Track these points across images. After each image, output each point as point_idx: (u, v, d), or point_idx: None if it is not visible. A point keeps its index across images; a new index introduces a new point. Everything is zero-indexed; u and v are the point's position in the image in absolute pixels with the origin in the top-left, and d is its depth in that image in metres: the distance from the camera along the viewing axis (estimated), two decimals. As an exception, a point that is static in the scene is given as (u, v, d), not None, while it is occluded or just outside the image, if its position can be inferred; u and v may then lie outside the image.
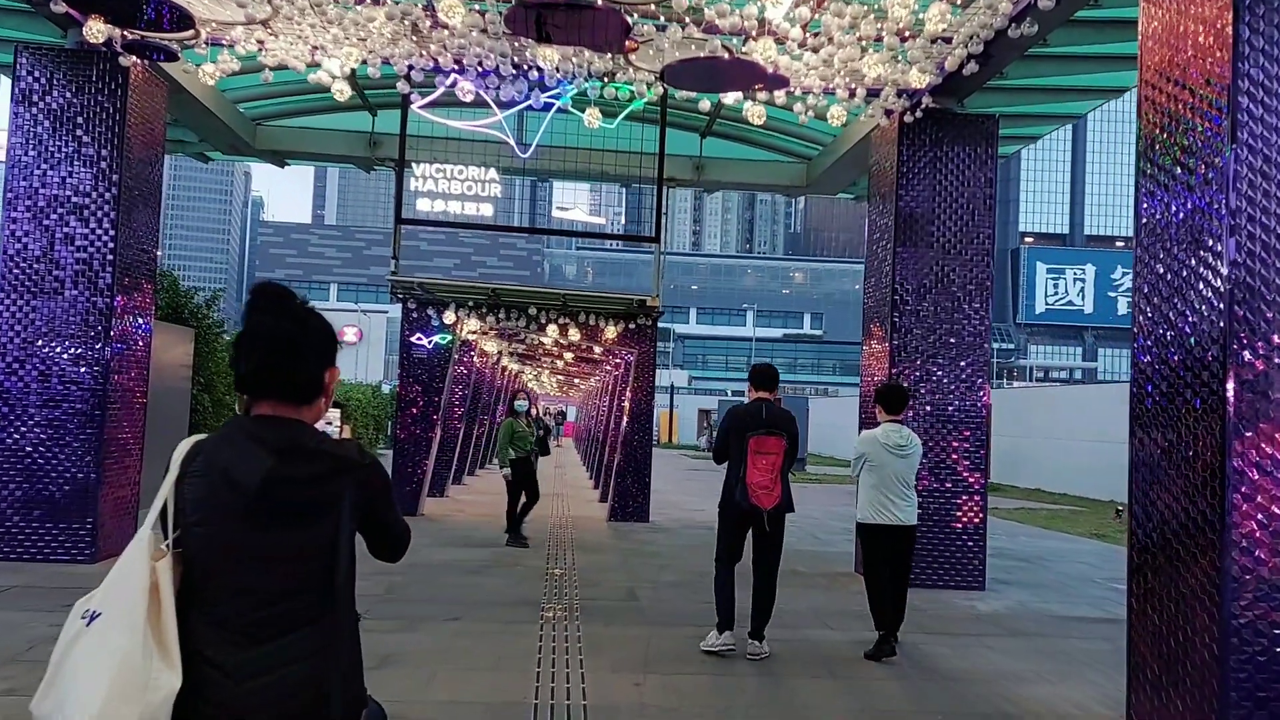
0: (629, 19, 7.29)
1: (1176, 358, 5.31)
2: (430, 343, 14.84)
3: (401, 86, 9.35)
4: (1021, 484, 26.55)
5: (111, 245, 9.51)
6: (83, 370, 9.51)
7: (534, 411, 16.51)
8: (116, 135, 9.61)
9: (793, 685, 6.17)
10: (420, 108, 10.13)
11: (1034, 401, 30.36)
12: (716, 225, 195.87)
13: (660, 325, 16.11)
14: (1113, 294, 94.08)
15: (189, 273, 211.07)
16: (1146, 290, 5.61)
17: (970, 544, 9.98)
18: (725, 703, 5.76)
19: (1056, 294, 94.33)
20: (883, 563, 7.17)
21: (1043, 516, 18.91)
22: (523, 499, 12.24)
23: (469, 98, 9.02)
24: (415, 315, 14.97)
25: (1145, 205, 5.69)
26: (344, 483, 2.14)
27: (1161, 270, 5.46)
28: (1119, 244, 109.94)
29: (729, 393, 71.85)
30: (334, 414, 3.67)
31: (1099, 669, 6.94)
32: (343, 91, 9.32)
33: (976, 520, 10.00)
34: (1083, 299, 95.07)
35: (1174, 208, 5.40)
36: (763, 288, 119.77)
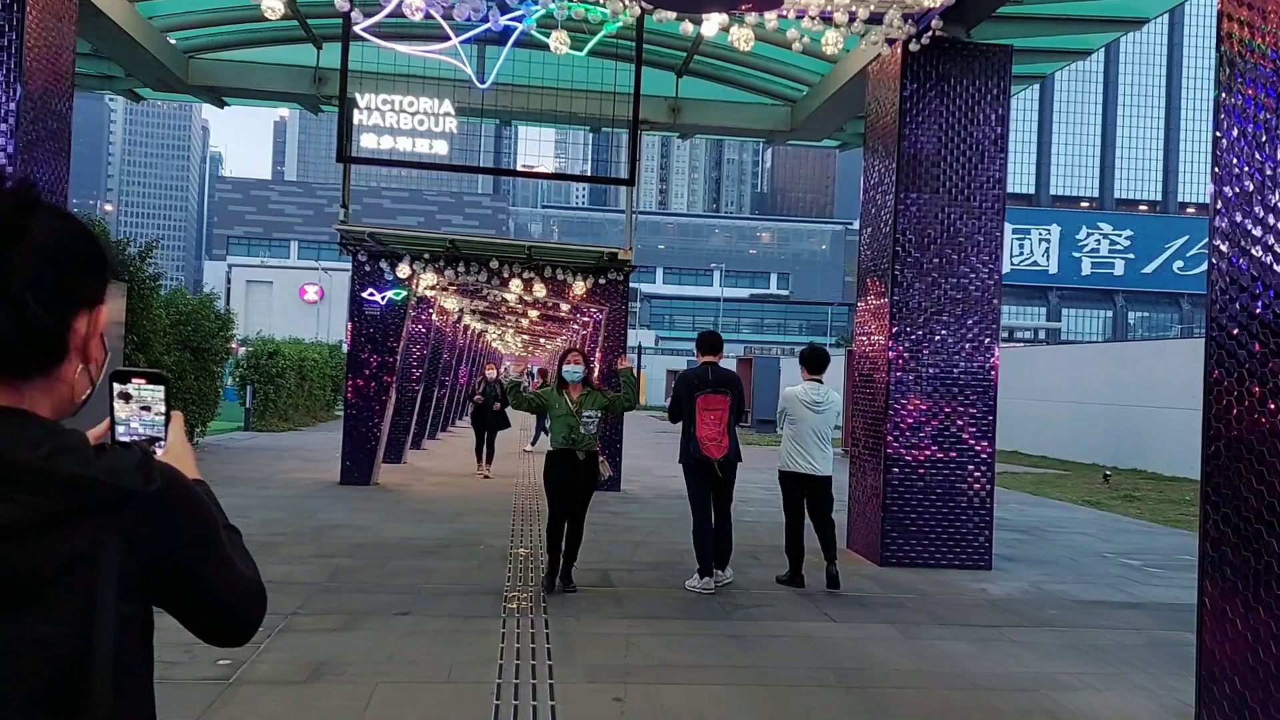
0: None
1: (1275, 312, 4.38)
2: (383, 298, 13.72)
3: (341, 4, 8.19)
4: (999, 446, 25.89)
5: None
6: (-19, 328, 8.35)
7: (495, 374, 15.43)
8: (14, 60, 8.37)
9: (801, 698, 5.24)
10: (364, 29, 8.96)
11: (1008, 362, 29.65)
12: (683, 184, 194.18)
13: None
14: (1077, 254, 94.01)
15: (145, 229, 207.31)
16: (1233, 234, 4.66)
17: (977, 519, 9.11)
18: (723, 724, 4.83)
19: (1021, 254, 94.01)
20: (801, 508, 8.16)
21: (1029, 481, 18.21)
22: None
23: (418, 15, 7.89)
24: (367, 269, 13.83)
25: (1229, 139, 4.72)
26: (96, 531, 1.12)
27: (1258, 211, 4.50)
28: (1084, 204, 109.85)
29: (695, 353, 70.96)
30: (152, 392, 1.34)
31: (1141, 668, 6.08)
32: (274, 9, 8.16)
33: (984, 493, 9.13)
34: (1047, 259, 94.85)
35: (1271, 138, 4.44)
36: (730, 247, 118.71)
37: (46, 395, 1.20)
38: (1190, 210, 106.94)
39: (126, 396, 1.55)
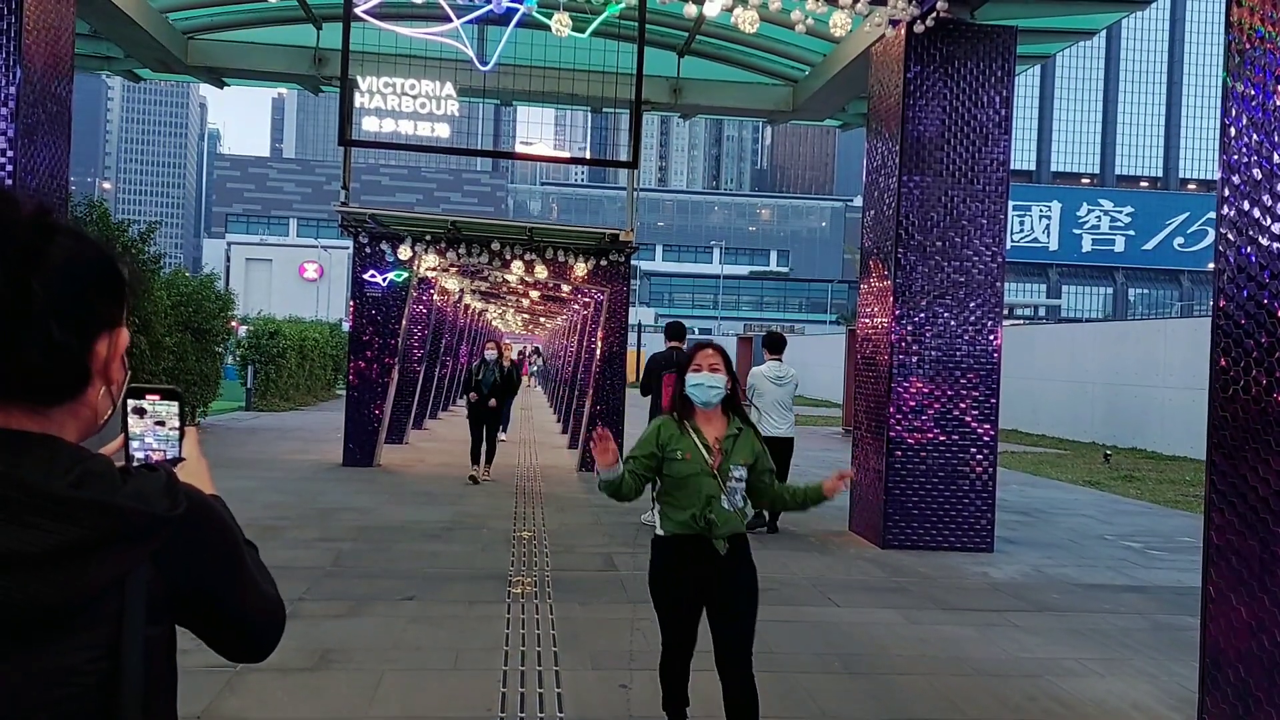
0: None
1: (1282, 301, 4.37)
2: (384, 280, 13.70)
3: (343, -14, 8.13)
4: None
5: (10, 169, 8.27)
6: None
7: (496, 353, 15.16)
8: (13, 44, 8.32)
9: (806, 684, 5.27)
10: (365, 10, 8.90)
11: (1007, 340, 29.63)
12: (683, 161, 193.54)
13: (631, 262, 15.02)
14: (1077, 231, 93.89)
15: (143, 208, 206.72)
16: (1241, 222, 4.64)
17: (979, 502, 9.13)
18: (729, 711, 4.84)
19: (1022, 231, 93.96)
20: None
21: (1029, 461, 18.23)
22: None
23: (421, -2, 7.84)
24: (369, 250, 13.80)
25: (1238, 127, 4.69)
26: (125, 558, 1.12)
27: (1266, 199, 4.48)
28: (1084, 181, 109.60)
29: (696, 330, 71.03)
30: (166, 407, 1.34)
31: (1144, 653, 6.11)
32: (275, -8, 8.09)
33: (986, 476, 9.15)
34: (1048, 236, 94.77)
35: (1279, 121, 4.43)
36: (729, 225, 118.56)
37: (72, 418, 1.20)
38: (1191, 187, 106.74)
39: (141, 411, 1.55)
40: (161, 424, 1.55)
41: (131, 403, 1.51)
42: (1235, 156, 4.68)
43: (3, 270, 1.08)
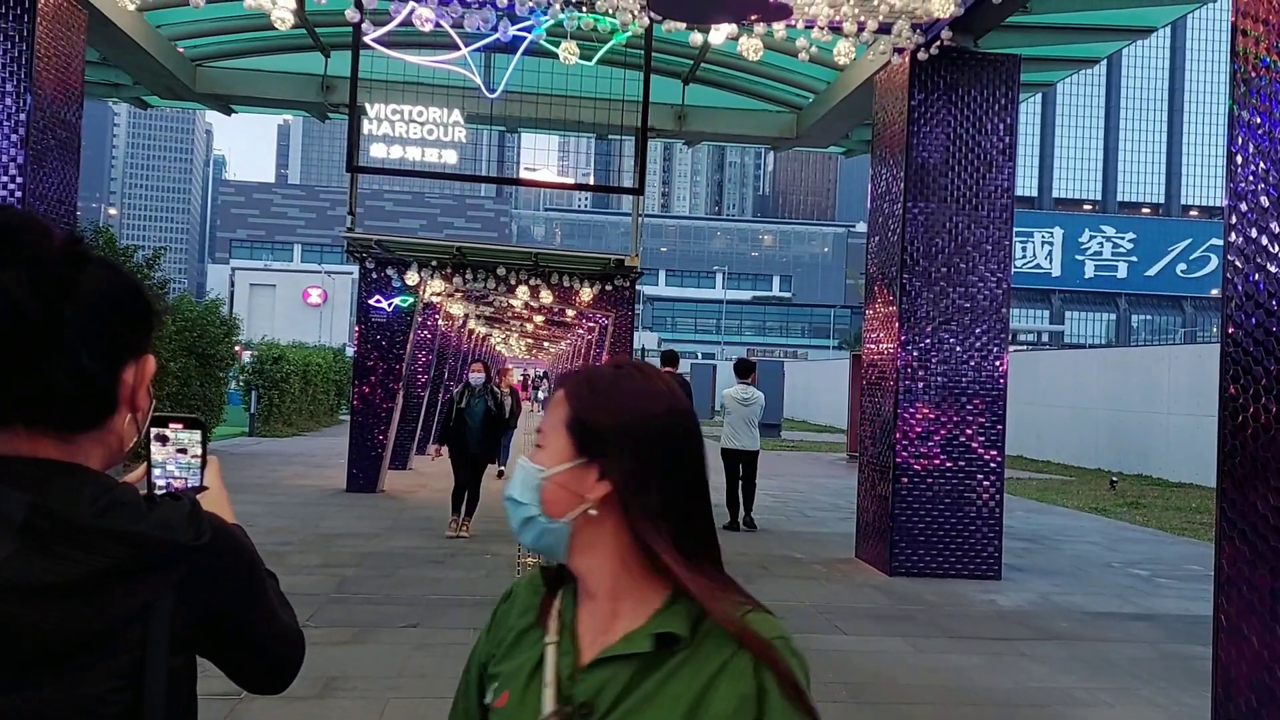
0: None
1: (1291, 329, 4.37)
2: (390, 305, 13.72)
3: (351, 15, 8.19)
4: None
5: (20, 195, 8.31)
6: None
7: (483, 375, 14.04)
8: (24, 70, 8.39)
9: (813, 714, 5.23)
10: (373, 39, 8.98)
11: (1012, 366, 29.60)
12: (685, 187, 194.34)
13: (634, 287, 15.04)
14: (1080, 257, 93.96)
15: (148, 233, 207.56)
16: (1248, 250, 4.64)
17: (986, 529, 9.09)
18: (736, 740, 4.82)
19: (1024, 257, 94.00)
20: (736, 473, 11.38)
21: (1034, 487, 18.17)
22: None
23: (428, 26, 7.90)
24: (374, 276, 13.82)
25: (1244, 155, 4.70)
26: (150, 587, 1.12)
27: (1274, 227, 4.49)
28: (1086, 207, 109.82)
29: (699, 355, 71.00)
30: (189, 436, 1.33)
31: (1153, 682, 6.07)
32: (284, 20, 8.15)
33: (993, 502, 9.11)
34: (1050, 262, 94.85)
35: (1284, 147, 4.44)
36: (732, 250, 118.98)
37: (98, 446, 1.20)
38: (1194, 213, 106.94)
39: (163, 439, 1.55)
40: (184, 452, 1.55)
41: (154, 430, 1.51)
42: (1242, 184, 4.69)
43: (36, 299, 1.09)
